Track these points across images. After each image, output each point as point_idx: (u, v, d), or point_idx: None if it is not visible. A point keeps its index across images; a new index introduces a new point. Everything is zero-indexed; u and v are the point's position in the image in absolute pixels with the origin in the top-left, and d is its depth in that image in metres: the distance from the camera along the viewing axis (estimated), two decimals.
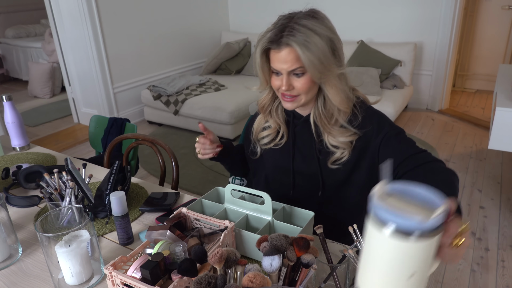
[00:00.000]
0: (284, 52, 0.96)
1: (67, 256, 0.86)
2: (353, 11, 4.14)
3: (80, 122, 4.11)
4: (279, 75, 1.01)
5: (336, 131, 1.05)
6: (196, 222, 1.02)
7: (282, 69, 0.98)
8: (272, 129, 1.16)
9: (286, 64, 0.97)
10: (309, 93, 1.03)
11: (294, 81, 1.00)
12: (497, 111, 2.04)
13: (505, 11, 4.30)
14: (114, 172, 1.19)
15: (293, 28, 0.94)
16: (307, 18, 0.96)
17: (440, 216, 0.47)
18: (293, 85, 1.00)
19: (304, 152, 1.13)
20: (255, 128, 1.21)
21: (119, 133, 1.95)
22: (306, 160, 1.13)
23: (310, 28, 0.94)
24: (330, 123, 1.05)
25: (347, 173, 1.09)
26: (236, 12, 4.93)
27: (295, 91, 1.01)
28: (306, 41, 0.93)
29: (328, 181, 1.12)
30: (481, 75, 4.72)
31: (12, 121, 1.57)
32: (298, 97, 1.03)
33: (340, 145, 1.05)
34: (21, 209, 1.24)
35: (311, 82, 1.00)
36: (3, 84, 5.95)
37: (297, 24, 0.95)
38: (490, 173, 2.88)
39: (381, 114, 1.10)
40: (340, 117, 1.05)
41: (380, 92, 3.58)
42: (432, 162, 0.97)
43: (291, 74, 0.99)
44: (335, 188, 1.12)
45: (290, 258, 0.74)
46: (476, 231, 2.25)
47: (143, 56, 4.01)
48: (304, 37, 0.93)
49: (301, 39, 0.93)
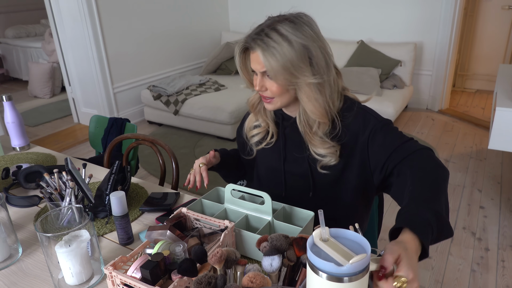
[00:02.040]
0: (255, 54, 0.97)
1: (67, 256, 0.86)
2: (353, 11, 4.14)
3: (80, 122, 4.11)
4: (257, 75, 1.01)
5: (316, 141, 1.04)
6: (196, 222, 1.02)
7: (256, 69, 0.99)
8: (262, 128, 1.16)
9: (258, 65, 0.98)
10: (283, 97, 1.01)
11: (267, 82, 1.00)
12: (497, 111, 2.04)
13: (505, 11, 4.30)
14: (114, 172, 1.19)
15: (266, 33, 0.95)
16: (285, 23, 0.95)
17: (360, 262, 0.56)
18: (266, 87, 1.01)
19: (295, 154, 1.13)
20: (246, 126, 1.22)
21: (119, 133, 1.95)
22: (298, 161, 1.12)
23: (282, 34, 0.93)
24: (311, 132, 1.05)
25: (338, 173, 1.08)
26: (236, 12, 4.94)
27: (268, 93, 1.01)
28: (273, 47, 0.93)
29: (319, 182, 1.11)
30: (481, 75, 4.72)
31: (12, 121, 1.57)
32: (274, 99, 1.03)
33: (324, 153, 1.04)
34: (21, 209, 1.23)
35: (281, 86, 0.99)
36: (3, 84, 5.95)
37: (272, 29, 0.94)
38: (490, 173, 2.88)
39: (367, 109, 1.07)
40: (319, 129, 1.03)
41: (380, 92, 3.58)
42: (419, 151, 0.96)
43: (265, 76, 1.00)
44: (327, 189, 1.12)
45: (290, 258, 0.74)
46: (476, 231, 2.25)
47: (143, 56, 4.01)
48: (272, 43, 0.93)
49: (267, 45, 0.93)
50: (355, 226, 0.81)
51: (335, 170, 1.07)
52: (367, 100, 1.13)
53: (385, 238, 2.14)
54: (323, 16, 4.27)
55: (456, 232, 2.25)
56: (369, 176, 1.06)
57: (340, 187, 1.11)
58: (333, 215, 1.12)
